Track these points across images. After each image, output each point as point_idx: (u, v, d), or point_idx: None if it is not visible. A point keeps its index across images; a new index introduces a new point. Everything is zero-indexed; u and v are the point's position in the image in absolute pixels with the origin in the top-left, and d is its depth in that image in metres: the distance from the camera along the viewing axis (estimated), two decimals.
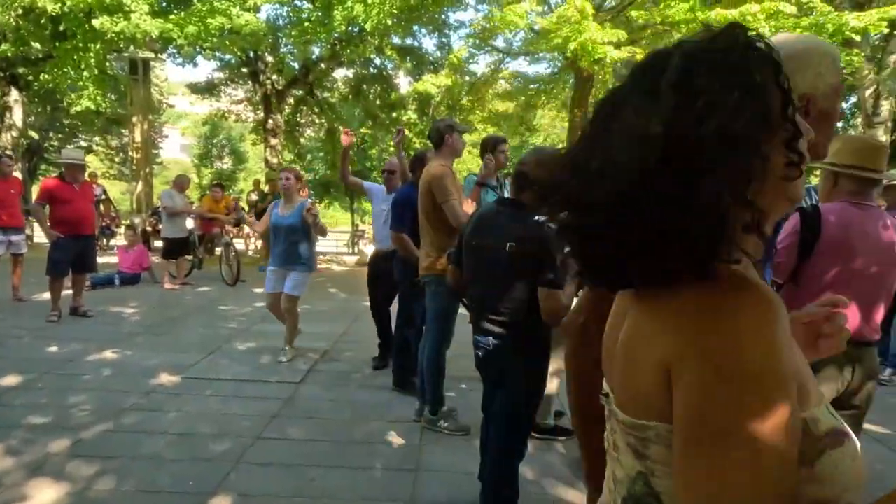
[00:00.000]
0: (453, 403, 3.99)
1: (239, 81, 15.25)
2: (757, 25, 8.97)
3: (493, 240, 2.35)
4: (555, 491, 3.05)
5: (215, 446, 3.41)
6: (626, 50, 10.16)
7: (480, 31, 12.16)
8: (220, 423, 3.75)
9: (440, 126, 3.73)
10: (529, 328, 2.35)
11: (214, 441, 3.48)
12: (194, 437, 3.53)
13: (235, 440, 3.48)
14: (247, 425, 3.71)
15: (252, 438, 3.52)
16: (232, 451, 3.34)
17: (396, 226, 4.33)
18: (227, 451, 3.35)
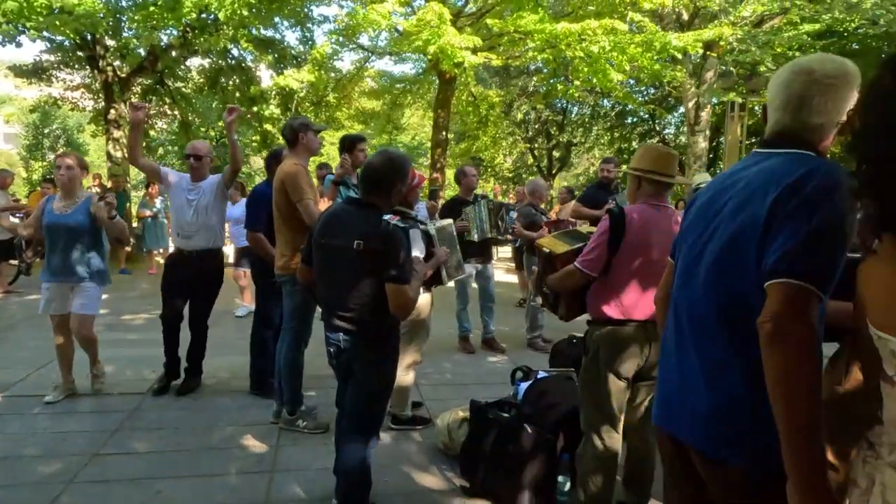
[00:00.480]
0: (315, 402, 3.99)
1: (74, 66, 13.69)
2: (597, 40, 9.85)
3: (341, 238, 2.41)
4: (411, 477, 3.18)
5: (43, 468, 3.12)
6: (482, 55, 10.65)
7: (344, 27, 12.07)
8: (50, 442, 3.43)
9: (294, 124, 3.69)
10: (378, 324, 2.44)
11: (42, 462, 3.18)
12: (18, 461, 3.20)
13: (68, 459, 3.21)
14: (82, 443, 3.43)
15: (88, 456, 3.26)
16: (64, 472, 3.08)
17: (252, 225, 4.22)
18: (57, 471, 3.08)
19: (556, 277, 2.60)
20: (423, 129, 27.54)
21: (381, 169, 2.45)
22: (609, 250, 2.41)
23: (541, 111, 22.59)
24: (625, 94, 13.36)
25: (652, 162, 2.49)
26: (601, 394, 2.52)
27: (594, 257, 2.44)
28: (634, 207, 2.49)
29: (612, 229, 2.40)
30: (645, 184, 2.50)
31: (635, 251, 2.41)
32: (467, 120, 17.23)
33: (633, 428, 2.66)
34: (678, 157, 2.61)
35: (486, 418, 3.07)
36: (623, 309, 2.46)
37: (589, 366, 2.58)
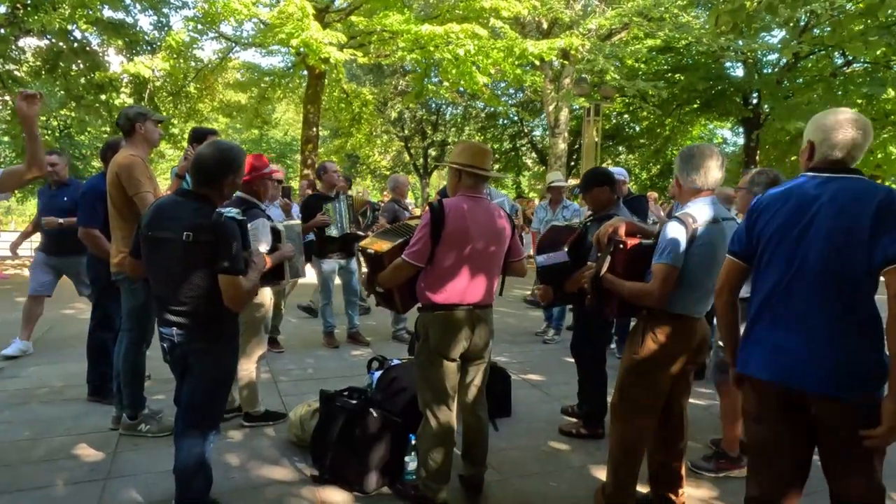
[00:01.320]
0: (161, 406, 3.81)
1: None
2: (462, 43, 10.23)
3: (170, 230, 2.36)
4: (260, 472, 3.16)
5: None
6: (349, 52, 10.64)
7: (203, 14, 11.44)
8: None
9: (130, 113, 3.51)
10: (211, 316, 2.41)
11: None
12: None
13: None
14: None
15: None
16: None
17: (87, 221, 3.94)
18: None
19: (387, 273, 2.73)
20: (296, 125, 26.82)
21: (212, 160, 2.43)
22: (432, 241, 2.58)
23: (415, 110, 22.93)
24: (490, 95, 13.98)
25: (471, 157, 2.71)
26: (434, 375, 2.69)
27: (419, 248, 2.61)
28: (453, 200, 2.69)
29: (432, 221, 2.58)
30: (465, 177, 2.71)
31: (456, 240, 2.61)
32: (340, 116, 17.07)
33: (466, 405, 2.86)
34: (491, 153, 2.85)
35: (334, 406, 3.14)
36: (448, 295, 2.64)
37: (421, 349, 2.74)
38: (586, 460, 3.42)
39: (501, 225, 2.75)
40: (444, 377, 2.68)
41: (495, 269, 2.78)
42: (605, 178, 3.71)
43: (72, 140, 19.80)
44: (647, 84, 13.20)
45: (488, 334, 2.79)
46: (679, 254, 2.36)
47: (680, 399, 2.69)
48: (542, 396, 4.58)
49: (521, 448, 3.57)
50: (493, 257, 2.74)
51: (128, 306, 3.48)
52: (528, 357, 5.60)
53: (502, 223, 2.76)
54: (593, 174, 3.82)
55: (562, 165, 15.01)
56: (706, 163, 2.48)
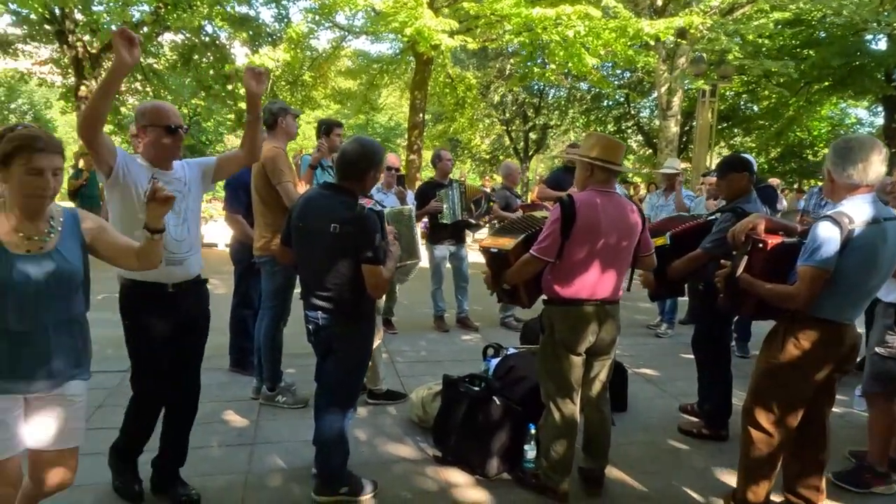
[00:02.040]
0: (293, 379, 4.13)
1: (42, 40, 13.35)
2: (572, 24, 9.98)
3: (318, 222, 2.55)
4: (386, 448, 3.37)
5: None
6: (459, 38, 10.70)
7: (320, 5, 11.96)
8: None
9: (273, 108, 3.78)
10: (353, 302, 2.59)
11: None
12: None
13: None
14: None
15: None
16: None
17: (232, 207, 4.31)
18: None
19: (515, 270, 2.77)
20: (399, 110, 27.43)
21: (355, 156, 2.58)
22: (562, 236, 2.59)
23: (517, 93, 22.71)
24: (599, 77, 13.55)
25: (604, 151, 2.67)
26: (558, 368, 2.72)
27: (549, 244, 2.62)
28: (583, 194, 2.68)
29: (563, 216, 2.58)
30: (597, 171, 2.69)
31: (586, 235, 2.60)
32: (444, 101, 17.27)
33: (590, 399, 2.87)
34: (624, 147, 2.80)
35: (457, 391, 3.26)
36: (577, 289, 2.65)
37: (546, 342, 2.78)
38: (709, 462, 3.32)
39: (634, 220, 2.71)
40: (568, 371, 2.71)
41: (625, 264, 2.75)
42: (743, 164, 3.52)
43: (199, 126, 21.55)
44: (775, 62, 12.20)
45: (615, 330, 2.78)
46: (830, 257, 2.22)
47: (822, 408, 2.54)
48: (658, 392, 4.48)
49: (639, 444, 3.53)
50: (623, 252, 2.71)
51: (268, 287, 3.79)
52: (641, 351, 5.47)
53: (635, 218, 2.72)
54: (731, 158, 3.65)
55: (673, 150, 14.32)
56: (868, 156, 2.27)
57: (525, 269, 2.74)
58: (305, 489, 2.85)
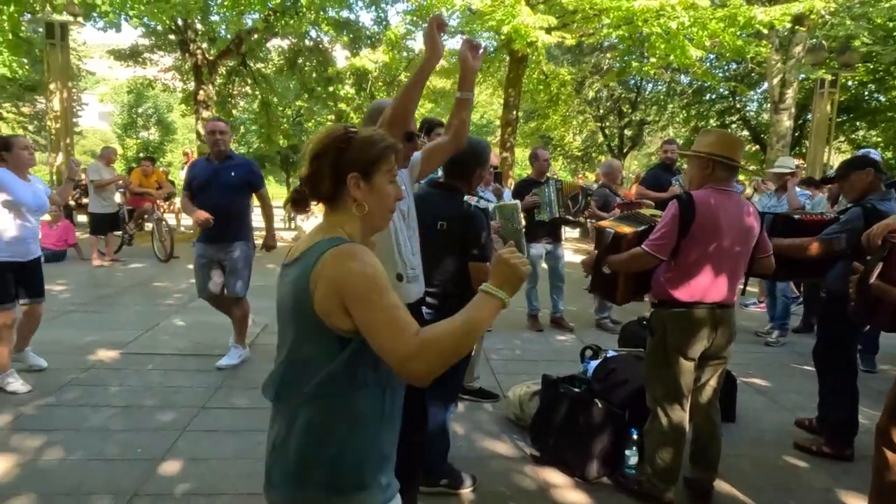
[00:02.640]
0: None
1: (166, 49, 14.61)
2: (676, 15, 9.53)
3: (426, 219, 2.61)
4: (483, 444, 3.40)
5: (161, 416, 3.55)
6: (556, 35, 10.53)
7: (417, 7, 12.21)
8: (164, 395, 3.87)
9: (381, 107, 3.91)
10: (459, 298, 2.62)
11: (159, 412, 3.61)
12: (139, 409, 3.64)
13: (181, 410, 3.63)
14: (191, 396, 3.85)
15: (197, 408, 3.67)
16: (178, 421, 3.49)
17: None
18: (173, 420, 3.50)
19: (622, 259, 2.68)
20: (490, 108, 27.40)
21: (463, 154, 2.61)
22: (678, 234, 2.49)
23: (613, 88, 22.01)
24: (703, 70, 12.84)
25: (725, 147, 2.54)
26: (668, 373, 2.62)
27: (664, 242, 2.52)
28: (702, 192, 2.55)
29: (681, 214, 2.47)
30: (719, 169, 2.56)
31: (704, 235, 2.48)
32: (537, 98, 17.06)
33: (700, 407, 2.74)
34: (743, 144, 2.65)
35: (557, 392, 3.23)
36: (692, 292, 2.54)
37: (656, 346, 2.68)
38: (831, 483, 3.08)
39: (750, 223, 2.56)
40: (679, 376, 2.61)
41: (741, 267, 2.61)
42: (864, 161, 3.23)
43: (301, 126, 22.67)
44: None
45: (730, 336, 2.65)
46: None
47: None
48: (769, 404, 4.20)
49: (750, 458, 3.34)
50: (739, 255, 2.57)
51: None
52: (749, 359, 5.15)
53: (751, 221, 2.57)
54: (850, 158, 3.37)
55: (785, 146, 13.30)
56: None
57: (632, 262, 2.66)
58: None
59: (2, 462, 2.92)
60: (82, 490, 2.71)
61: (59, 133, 12.11)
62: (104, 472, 2.89)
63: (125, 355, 4.61)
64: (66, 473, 2.86)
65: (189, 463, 3.02)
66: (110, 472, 2.88)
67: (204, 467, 2.99)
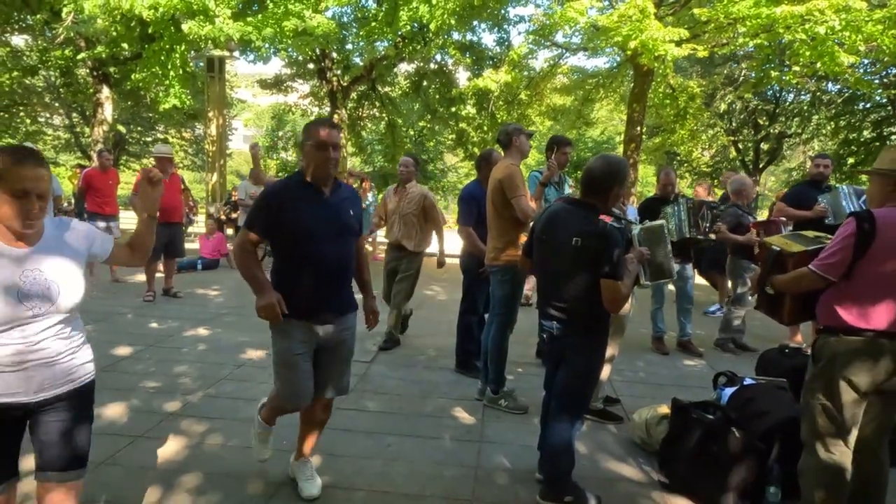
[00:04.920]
0: (511, 385, 4.31)
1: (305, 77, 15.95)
2: (824, 20, 8.80)
3: (561, 235, 2.66)
4: (608, 465, 3.34)
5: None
6: (687, 47, 10.12)
7: (540, 27, 12.30)
8: None
9: (508, 129, 4.05)
10: (589, 315, 2.64)
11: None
12: None
13: None
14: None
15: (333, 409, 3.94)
16: None
17: (464, 220, 4.67)
18: None
19: (787, 278, 2.53)
20: (611, 123, 26.74)
21: (601, 173, 2.64)
22: (854, 254, 2.31)
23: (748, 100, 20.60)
24: (857, 78, 11.65)
25: None
26: (833, 405, 2.41)
27: (836, 261, 2.34)
28: (885, 211, 2.34)
29: (858, 233, 2.30)
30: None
31: (886, 258, 2.27)
32: (663, 113, 16.41)
33: (867, 444, 2.50)
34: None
35: (689, 417, 3.10)
36: (868, 318, 2.32)
37: (819, 374, 2.48)
38: None
39: None
40: (844, 408, 2.39)
41: None
42: None
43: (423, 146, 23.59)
44: None
45: None
46: None
47: None
48: None
49: None
50: None
51: (498, 295, 4.02)
52: None
53: None
54: None
55: None
56: None
57: (797, 282, 2.50)
58: (531, 492, 2.96)
59: (173, 443, 3.35)
60: (239, 474, 3.04)
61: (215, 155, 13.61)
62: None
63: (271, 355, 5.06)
64: (226, 457, 3.22)
65: (327, 458, 3.26)
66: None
67: (341, 463, 3.22)
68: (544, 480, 2.89)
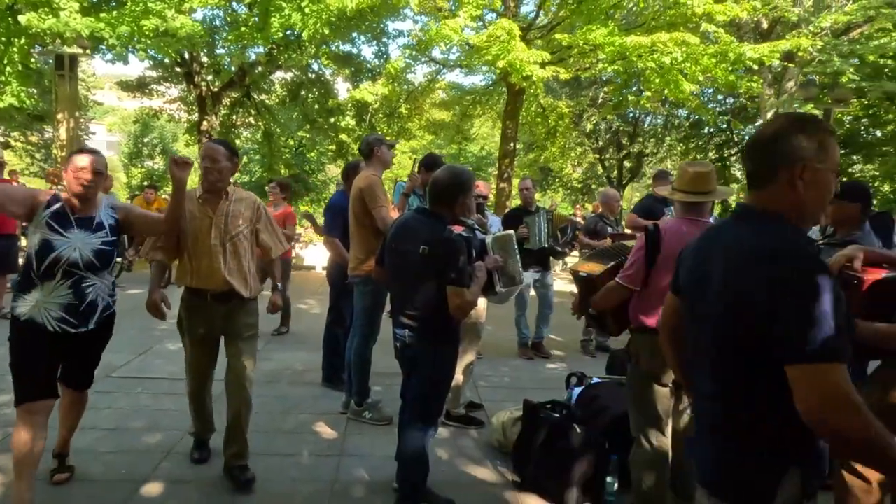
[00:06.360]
0: (378, 396, 4.29)
1: (172, 81, 14.99)
2: (669, 51, 9.78)
3: (409, 244, 2.69)
4: (466, 469, 3.41)
5: (147, 439, 3.58)
6: (551, 69, 10.80)
7: (418, 42, 12.54)
8: (152, 417, 3.90)
9: (370, 139, 4.05)
10: (438, 322, 2.69)
11: (146, 434, 3.64)
12: (126, 431, 3.68)
13: (167, 433, 3.66)
14: (179, 419, 3.87)
15: (183, 431, 3.68)
16: (164, 443, 3.52)
17: (329, 231, 4.60)
18: (158, 442, 3.53)
19: (600, 296, 2.76)
20: (492, 139, 27.81)
21: (446, 183, 2.71)
22: (646, 264, 2.57)
23: (611, 121, 22.37)
24: (698, 104, 13.09)
25: (686, 182, 2.64)
26: (646, 399, 2.66)
27: (633, 272, 2.61)
28: (671, 223, 2.65)
29: (647, 244, 2.56)
30: (677, 202, 2.66)
31: (672, 264, 2.55)
32: (536, 130, 17.36)
33: (677, 432, 2.77)
34: (713, 171, 2.72)
35: (537, 417, 3.26)
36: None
37: (633, 372, 2.73)
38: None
39: None
40: (656, 402, 2.64)
41: None
42: (859, 193, 3.28)
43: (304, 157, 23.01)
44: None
45: None
46: None
47: None
48: None
49: None
50: None
51: (360, 306, 3.99)
52: None
53: None
54: (849, 184, 3.43)
55: None
56: None
57: (610, 296, 2.73)
58: (387, 502, 2.95)
59: None
60: None
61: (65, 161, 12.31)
62: (87, 491, 2.91)
63: (116, 378, 4.65)
64: (52, 493, 2.88)
65: (171, 486, 3.04)
66: (92, 493, 2.90)
67: (188, 489, 3.01)
68: (399, 489, 2.89)
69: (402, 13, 13.32)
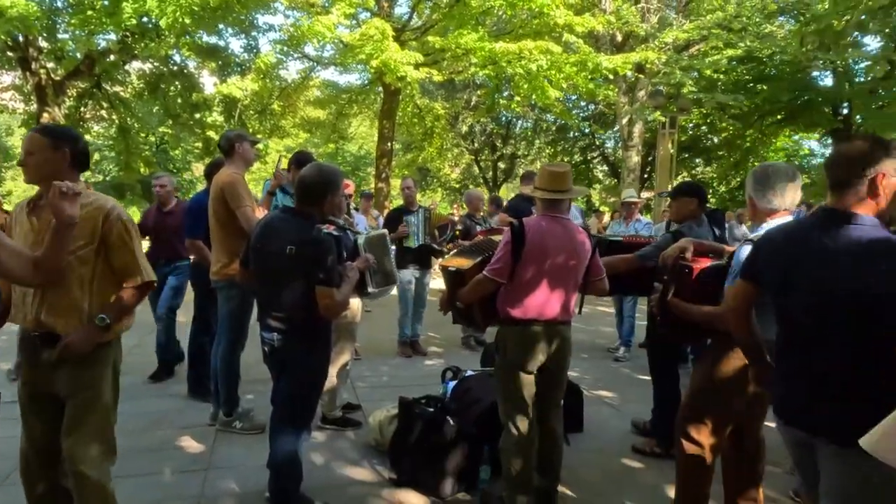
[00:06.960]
0: (251, 405, 4.10)
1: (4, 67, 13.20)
2: (535, 58, 10.34)
3: (276, 244, 2.60)
4: (343, 471, 3.37)
5: None
6: (424, 70, 10.98)
7: (289, 37, 12.15)
8: None
9: (230, 136, 3.85)
10: (307, 323, 2.63)
11: None
12: None
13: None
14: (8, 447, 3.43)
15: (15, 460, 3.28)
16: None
17: (192, 233, 4.31)
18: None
19: (468, 289, 2.86)
20: (370, 139, 27.64)
21: (313, 181, 2.66)
22: (513, 258, 2.70)
23: (485, 124, 23.18)
24: (562, 110, 13.97)
25: (546, 182, 2.82)
26: (512, 387, 2.79)
27: (500, 266, 2.73)
28: (532, 219, 2.81)
29: (513, 239, 2.70)
30: (538, 200, 2.85)
31: (535, 257, 2.71)
32: (413, 131, 17.55)
33: (541, 417, 2.94)
34: (569, 171, 2.93)
35: (412, 413, 3.30)
36: (526, 310, 2.74)
37: (500, 362, 2.86)
38: (659, 479, 3.40)
39: (580, 240, 2.83)
40: (521, 389, 2.78)
41: (573, 285, 2.85)
42: (693, 190, 3.69)
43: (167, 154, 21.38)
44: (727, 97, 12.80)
45: (565, 349, 2.87)
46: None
47: (755, 422, 2.66)
48: (614, 413, 4.57)
49: (593, 464, 3.59)
50: (570, 274, 2.81)
51: (224, 312, 3.79)
52: (599, 374, 5.58)
53: (581, 238, 2.84)
54: (683, 184, 3.84)
55: (635, 179, 14.76)
56: (783, 182, 2.41)
57: (477, 289, 2.82)
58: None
59: None
60: None
61: None
62: None
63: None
64: None
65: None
66: None
67: None
68: (271, 497, 2.79)
69: (272, 7, 12.83)
